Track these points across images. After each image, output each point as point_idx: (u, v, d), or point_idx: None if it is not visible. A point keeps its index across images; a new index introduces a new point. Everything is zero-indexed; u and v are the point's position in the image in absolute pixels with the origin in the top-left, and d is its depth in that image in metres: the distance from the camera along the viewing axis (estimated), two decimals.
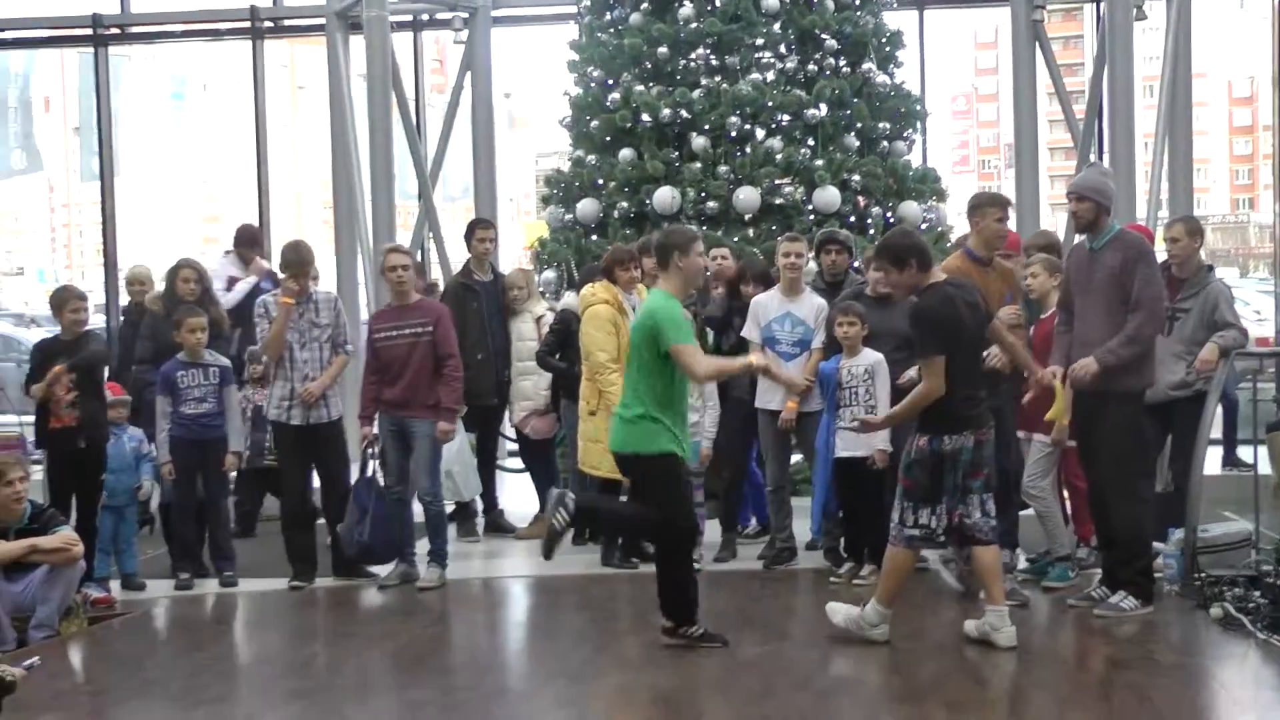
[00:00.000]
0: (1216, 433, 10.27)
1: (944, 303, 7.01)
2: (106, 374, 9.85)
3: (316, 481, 9.62)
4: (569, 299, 10.47)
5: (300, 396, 9.16)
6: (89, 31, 17.24)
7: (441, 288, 11.82)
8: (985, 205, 8.34)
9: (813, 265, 10.08)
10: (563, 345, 9.93)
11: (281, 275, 9.36)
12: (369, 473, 9.19)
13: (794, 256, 9.27)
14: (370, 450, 9.21)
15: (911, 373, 7.72)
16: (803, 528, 9.41)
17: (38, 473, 9.37)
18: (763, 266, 9.93)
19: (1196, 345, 8.54)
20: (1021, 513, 8.76)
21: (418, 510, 9.29)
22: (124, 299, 12.25)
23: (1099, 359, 7.55)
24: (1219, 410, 9.43)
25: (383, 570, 9.25)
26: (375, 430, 9.19)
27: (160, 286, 10.84)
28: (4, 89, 19.85)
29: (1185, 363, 8.53)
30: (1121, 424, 7.67)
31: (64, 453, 9.12)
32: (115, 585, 9.25)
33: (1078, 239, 8.45)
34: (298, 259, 9.29)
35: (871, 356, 8.65)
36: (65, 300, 9.29)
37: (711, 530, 9.57)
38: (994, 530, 7.17)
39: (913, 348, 7.30)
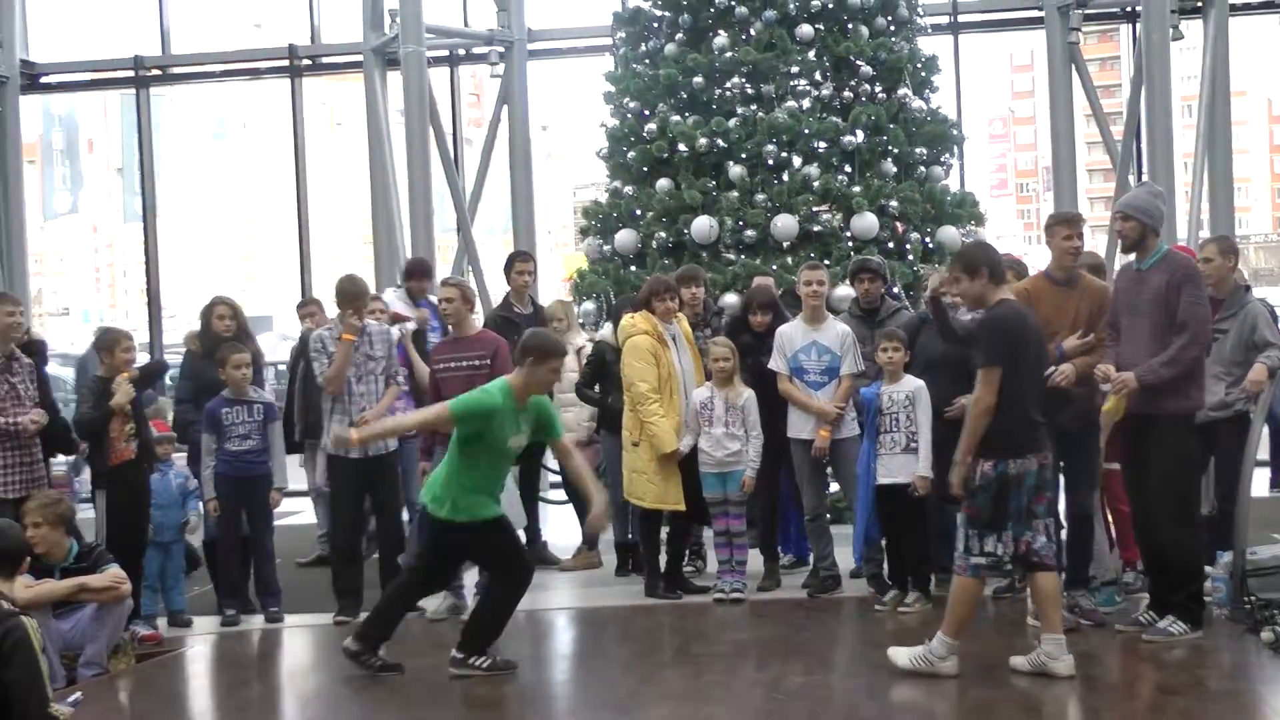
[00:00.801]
0: (1263, 454, 10.17)
1: (1015, 316, 7.00)
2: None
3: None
4: (604, 331, 10.48)
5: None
6: (130, 73, 17.48)
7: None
8: (1053, 225, 8.18)
9: (850, 292, 10.08)
10: (598, 377, 9.94)
11: (338, 311, 9.35)
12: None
13: (815, 285, 9.23)
14: None
15: (963, 400, 7.67)
16: (846, 555, 9.36)
17: (86, 509, 9.45)
18: (769, 295, 9.82)
19: (1235, 366, 8.45)
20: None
21: None
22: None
23: (1139, 376, 7.51)
24: (1265, 431, 9.34)
25: (429, 604, 9.25)
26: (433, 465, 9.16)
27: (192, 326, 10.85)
28: (48, 132, 20.13)
29: (1224, 383, 8.44)
30: (1172, 448, 7.61)
31: (127, 488, 8.97)
32: (162, 622, 9.27)
33: (1120, 259, 8.38)
34: (355, 292, 9.32)
35: (913, 383, 8.62)
36: (116, 340, 9.19)
37: (754, 561, 9.52)
38: (1055, 555, 7.09)
39: (972, 379, 7.10)
